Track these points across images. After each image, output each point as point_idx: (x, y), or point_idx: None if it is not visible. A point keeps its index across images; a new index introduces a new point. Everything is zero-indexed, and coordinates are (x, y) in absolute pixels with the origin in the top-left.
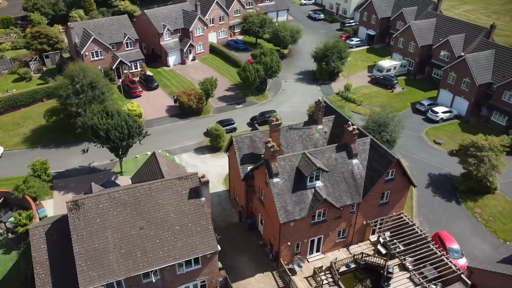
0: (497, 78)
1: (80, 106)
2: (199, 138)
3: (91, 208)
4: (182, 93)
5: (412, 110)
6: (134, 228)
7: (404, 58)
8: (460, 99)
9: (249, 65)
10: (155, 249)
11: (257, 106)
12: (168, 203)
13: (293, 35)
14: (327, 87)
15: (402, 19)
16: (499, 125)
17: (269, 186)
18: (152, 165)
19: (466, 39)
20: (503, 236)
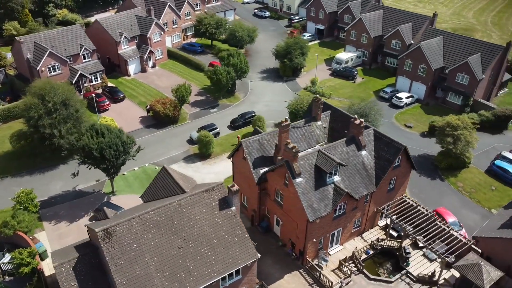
0: (448, 62)
1: (54, 127)
2: (183, 146)
3: (124, 234)
4: (156, 102)
5: (376, 98)
6: (172, 249)
7: (358, 50)
8: (418, 84)
9: (219, 68)
10: (198, 267)
11: (231, 109)
12: (201, 217)
13: (250, 34)
14: (293, 83)
15: (350, 12)
16: (455, 105)
17: (291, 187)
18: (166, 180)
19: (413, 28)
20: (487, 205)
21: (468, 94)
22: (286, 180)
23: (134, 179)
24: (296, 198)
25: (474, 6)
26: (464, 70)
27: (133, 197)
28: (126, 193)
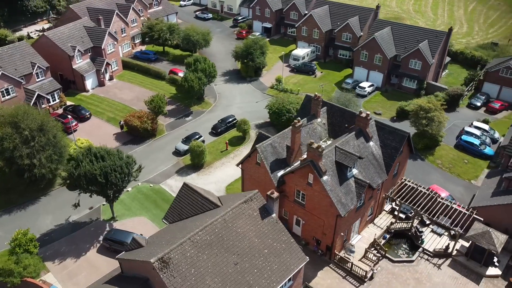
0: (400, 50)
1: (33, 156)
2: (171, 159)
3: (180, 260)
4: (131, 117)
5: (340, 89)
6: (229, 266)
7: (310, 45)
8: (375, 72)
9: (190, 74)
10: (258, 279)
11: (206, 115)
12: (247, 229)
13: (205, 38)
14: (257, 83)
15: (295, 9)
16: (410, 89)
17: (316, 186)
18: (191, 197)
19: (361, 21)
20: (466, 177)
21: (421, 78)
22: (309, 180)
23: (132, 201)
24: (323, 195)
25: None
26: (416, 57)
27: (137, 220)
28: (127, 217)
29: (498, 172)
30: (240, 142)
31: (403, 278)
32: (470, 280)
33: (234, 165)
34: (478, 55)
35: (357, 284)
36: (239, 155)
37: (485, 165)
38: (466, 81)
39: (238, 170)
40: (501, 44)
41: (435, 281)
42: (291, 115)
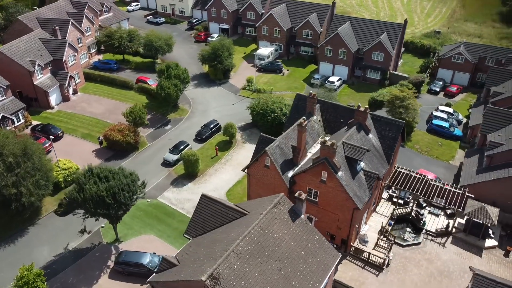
0: (362, 43)
1: (19, 184)
2: (162, 171)
3: (229, 274)
4: (111, 131)
5: (309, 85)
6: (274, 273)
7: (272, 43)
8: (340, 66)
9: (165, 82)
10: (302, 282)
11: (185, 122)
12: (282, 234)
13: (168, 43)
14: (228, 85)
15: (252, 9)
16: (374, 80)
17: (331, 182)
18: (213, 208)
19: (319, 17)
20: (444, 158)
21: (384, 69)
22: (322, 177)
23: (132, 219)
24: (339, 191)
25: None
26: (378, 49)
27: (144, 238)
28: (132, 236)
29: (476, 151)
30: (228, 147)
31: (416, 260)
32: (473, 253)
33: (229, 170)
34: (427, 43)
35: (376, 273)
36: (230, 160)
37: (457, 145)
38: (421, 68)
39: (234, 175)
40: (443, 32)
41: (444, 259)
42: (276, 115)
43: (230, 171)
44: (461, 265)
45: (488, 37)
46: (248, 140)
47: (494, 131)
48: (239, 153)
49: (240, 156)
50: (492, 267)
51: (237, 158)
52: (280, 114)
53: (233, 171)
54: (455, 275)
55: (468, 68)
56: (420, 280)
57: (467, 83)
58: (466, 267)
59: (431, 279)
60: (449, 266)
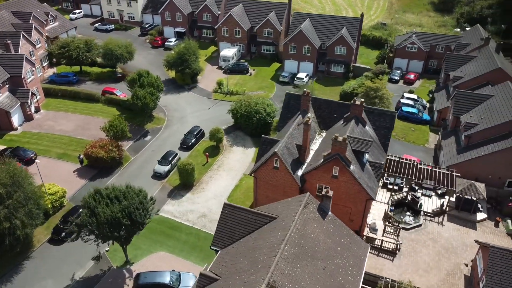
0: (323, 39)
1: (13, 216)
2: (155, 185)
3: (283, 280)
4: (93, 148)
5: (278, 83)
6: (320, 272)
7: (233, 44)
8: (305, 63)
9: (140, 91)
10: (345, 277)
11: (164, 131)
12: (317, 233)
13: (129, 50)
14: (199, 90)
15: (208, 10)
16: (339, 73)
17: (343, 176)
18: (239, 216)
19: (278, 15)
20: (419, 142)
21: (348, 62)
22: (333, 173)
23: (138, 239)
24: (352, 184)
25: None
26: (340, 43)
27: (156, 257)
28: (142, 256)
29: (450, 132)
30: (216, 152)
31: (422, 241)
32: (468, 228)
33: (224, 176)
34: (379, 35)
35: (391, 258)
36: (222, 165)
37: (427, 129)
38: (378, 59)
39: (230, 180)
40: (388, 23)
41: (446, 237)
42: (261, 115)
43: (225, 177)
44: (461, 240)
45: (427, 25)
46: (235, 143)
47: (465, 112)
48: (229, 158)
49: (231, 161)
50: (488, 238)
51: (228, 163)
52: (264, 114)
53: (228, 176)
54: (459, 249)
55: (421, 56)
56: (431, 260)
57: (421, 70)
58: (466, 241)
59: (440, 257)
60: (451, 242)
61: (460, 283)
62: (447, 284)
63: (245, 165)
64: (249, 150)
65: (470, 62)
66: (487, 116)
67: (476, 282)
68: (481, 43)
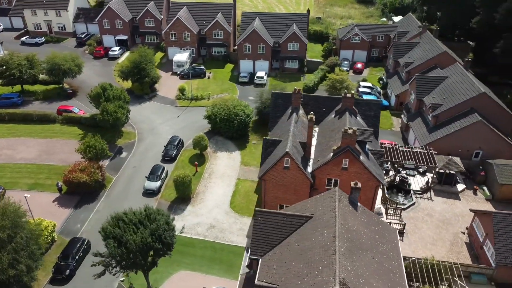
0: (275, 36)
1: (17, 261)
2: (149, 202)
3: (350, 276)
4: (73, 173)
5: (238, 84)
6: (373, 262)
7: (183, 48)
8: (260, 61)
9: (109, 106)
10: (391, 263)
11: (139, 145)
12: (356, 225)
13: (77, 63)
14: (160, 98)
15: (150, 15)
16: (293, 69)
17: (353, 167)
18: (274, 221)
19: (225, 16)
20: (386, 126)
21: (301, 58)
22: (343, 165)
23: None
24: (362, 173)
25: None
26: (293, 39)
27: (177, 277)
28: (163, 279)
29: (415, 114)
30: (202, 160)
31: (420, 218)
32: (454, 199)
33: (218, 183)
34: (319, 29)
35: (400, 238)
36: (213, 173)
37: (388, 114)
38: (326, 52)
39: (226, 187)
40: (322, 17)
41: (438, 210)
42: (241, 118)
43: (219, 184)
44: (451, 211)
45: (356, 17)
46: (218, 149)
47: (426, 94)
48: (217, 164)
49: (219, 167)
50: (472, 205)
51: (218, 170)
52: (244, 116)
53: (222, 183)
54: (453, 220)
55: (365, 46)
56: (434, 233)
57: (365, 59)
58: (456, 211)
59: (440, 230)
60: (444, 215)
61: (464, 250)
62: (454, 253)
63: (235, 169)
64: (234, 154)
65: (415, 48)
66: (448, 96)
67: (478, 247)
68: (420, 30)
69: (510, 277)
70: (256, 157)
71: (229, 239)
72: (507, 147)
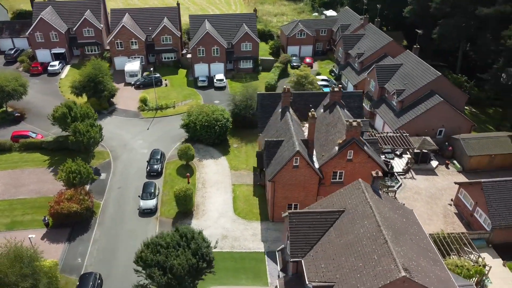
0: (227, 37)
1: None
2: (149, 223)
3: (405, 260)
4: (61, 204)
5: (198, 89)
6: (411, 245)
7: (131, 57)
8: (215, 64)
9: (80, 126)
10: (422, 241)
11: (116, 164)
12: (386, 211)
13: (21, 83)
14: (121, 112)
15: (89, 25)
16: (248, 69)
17: (358, 157)
18: (308, 220)
19: (170, 20)
20: None
21: (255, 57)
22: (348, 157)
23: None
24: (366, 162)
25: None
26: (246, 39)
27: None
28: None
29: (379, 101)
30: (190, 170)
31: (411, 197)
32: (432, 175)
33: (215, 192)
34: (261, 28)
35: None
36: (205, 182)
37: None
38: (274, 50)
39: (224, 194)
40: (258, 16)
41: (423, 187)
42: (221, 123)
43: (216, 192)
44: (434, 186)
45: (288, 13)
46: (203, 157)
47: (387, 82)
48: (206, 173)
49: (210, 175)
50: (448, 178)
51: (210, 178)
52: (224, 121)
53: (218, 191)
54: (438, 194)
55: (310, 41)
56: (426, 209)
57: (311, 53)
58: (438, 186)
59: (430, 205)
60: (429, 191)
61: (456, 220)
62: (449, 223)
63: (226, 175)
64: (220, 160)
65: (362, 39)
66: (408, 81)
67: (468, 215)
68: (361, 22)
69: (504, 237)
70: (242, 160)
71: (246, 246)
72: (465, 123)
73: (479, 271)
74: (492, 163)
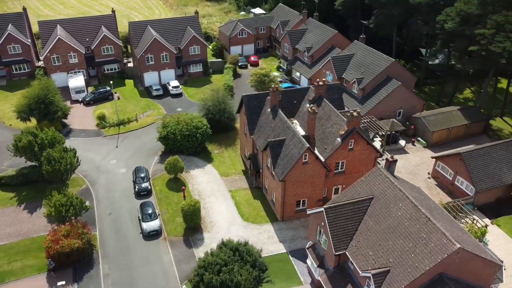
0: (173, 42)
1: None
2: (159, 245)
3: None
4: (60, 242)
5: (153, 98)
6: (445, 219)
7: (72, 72)
8: (165, 71)
9: (52, 152)
10: (442, 213)
11: (97, 190)
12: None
13: None
14: (78, 132)
15: (15, 40)
16: (198, 73)
17: (358, 145)
18: (343, 212)
19: (108, 28)
20: None
21: (204, 60)
22: (349, 146)
23: None
24: (366, 149)
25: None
26: (194, 43)
27: None
28: None
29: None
30: (181, 183)
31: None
32: (403, 154)
33: (213, 201)
34: None
35: None
36: (200, 193)
37: None
38: (216, 51)
39: (224, 201)
40: None
41: (400, 165)
42: (202, 130)
43: (216, 201)
44: (409, 163)
45: (216, 14)
46: (189, 168)
47: (343, 72)
48: (198, 183)
49: (203, 185)
50: (417, 154)
51: (204, 188)
52: (204, 127)
53: (217, 200)
54: (415, 170)
55: (251, 40)
56: None
57: (253, 51)
58: (413, 162)
59: (413, 181)
60: (407, 168)
61: (439, 191)
62: (434, 195)
63: (220, 183)
64: (207, 168)
65: (306, 34)
66: (365, 69)
67: (449, 184)
68: (301, 17)
69: (485, 199)
70: (229, 165)
71: (267, 249)
72: (418, 102)
73: (483, 232)
74: (449, 135)
